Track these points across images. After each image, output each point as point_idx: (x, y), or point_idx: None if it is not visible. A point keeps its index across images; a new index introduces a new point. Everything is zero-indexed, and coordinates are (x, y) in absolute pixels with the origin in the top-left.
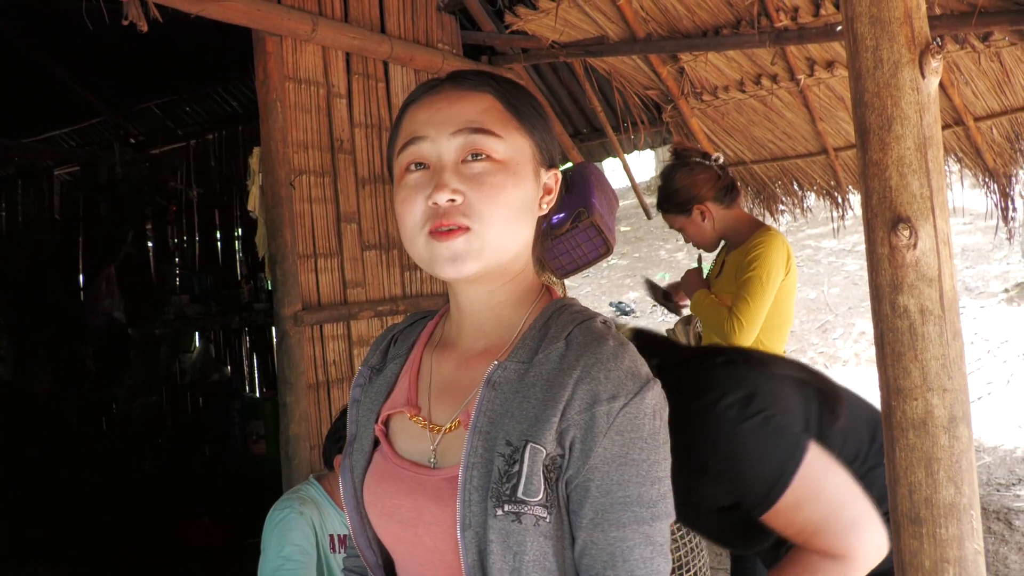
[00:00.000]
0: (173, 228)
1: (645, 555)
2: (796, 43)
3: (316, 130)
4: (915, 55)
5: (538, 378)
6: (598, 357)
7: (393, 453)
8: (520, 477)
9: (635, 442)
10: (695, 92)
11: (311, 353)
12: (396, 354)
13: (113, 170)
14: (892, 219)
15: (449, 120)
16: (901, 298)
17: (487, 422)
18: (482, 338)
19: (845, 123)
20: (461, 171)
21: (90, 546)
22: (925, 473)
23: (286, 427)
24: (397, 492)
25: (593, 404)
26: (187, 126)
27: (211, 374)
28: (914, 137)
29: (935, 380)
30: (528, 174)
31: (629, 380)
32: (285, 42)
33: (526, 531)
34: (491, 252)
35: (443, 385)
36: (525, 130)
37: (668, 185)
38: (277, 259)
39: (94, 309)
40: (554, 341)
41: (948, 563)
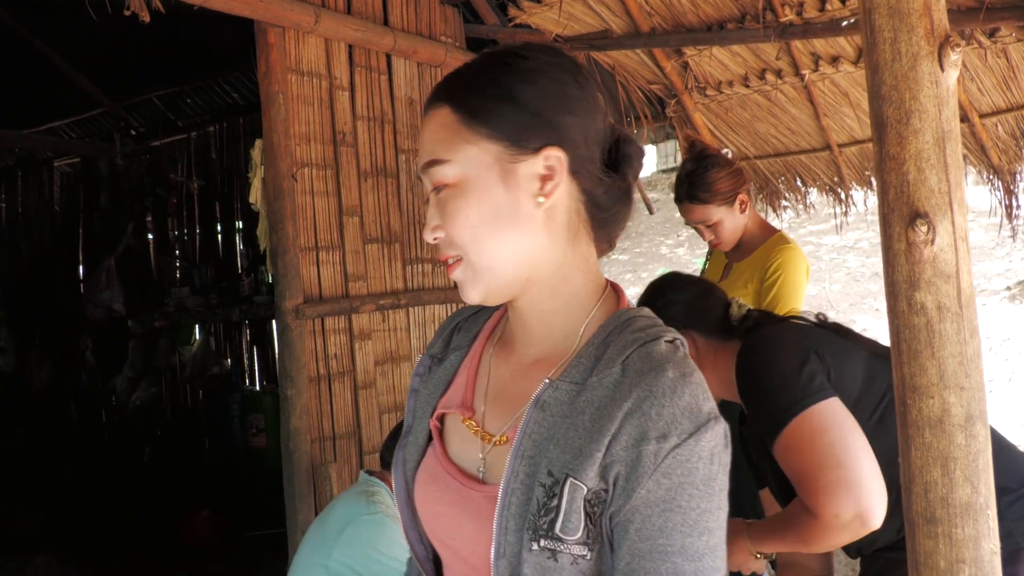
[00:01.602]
0: (174, 220)
1: None
2: (801, 38)
3: (318, 123)
4: (934, 48)
5: (588, 404)
6: (652, 390)
7: (444, 455)
8: (559, 512)
9: (684, 487)
10: (699, 87)
11: (312, 346)
12: (459, 344)
13: (113, 162)
14: (909, 214)
15: (421, 155)
16: (918, 295)
17: (532, 445)
18: (535, 346)
19: (849, 119)
20: (434, 203)
21: (88, 538)
22: (941, 472)
23: (287, 420)
24: (441, 499)
25: (640, 442)
26: (188, 118)
27: (211, 367)
28: (932, 131)
29: (952, 378)
30: (491, 180)
31: (685, 418)
32: (287, 34)
33: (562, 569)
34: (486, 273)
35: (499, 390)
36: (482, 132)
37: (709, 173)
38: (278, 252)
39: (93, 301)
40: (610, 364)
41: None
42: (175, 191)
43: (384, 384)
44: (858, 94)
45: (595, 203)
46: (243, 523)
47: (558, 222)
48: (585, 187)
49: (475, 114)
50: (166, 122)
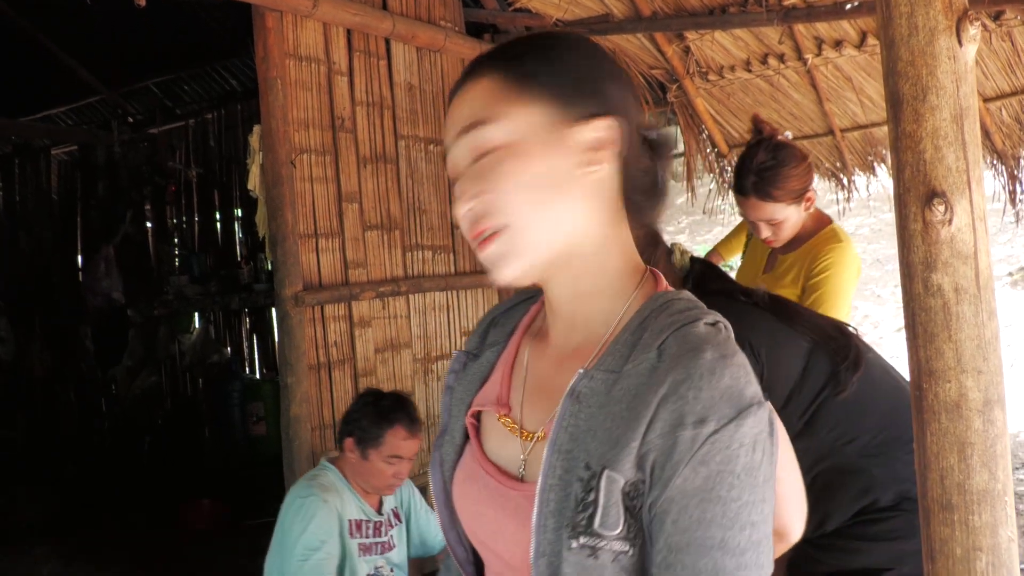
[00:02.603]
0: (172, 208)
1: None
2: (804, 21)
3: (317, 108)
4: (952, 22)
5: (624, 393)
6: (689, 372)
7: (481, 454)
8: (597, 507)
9: (724, 476)
10: (701, 72)
11: (312, 334)
12: (495, 340)
13: (111, 150)
14: (926, 194)
15: (453, 125)
16: (935, 276)
17: (568, 439)
18: (574, 333)
19: (852, 103)
20: (473, 173)
21: (89, 527)
22: (958, 458)
23: (287, 408)
24: (480, 499)
25: (677, 428)
26: (186, 105)
27: (211, 355)
28: (950, 108)
29: (970, 362)
30: (546, 143)
31: (724, 403)
32: (285, 18)
33: (604, 567)
34: (531, 247)
35: (537, 384)
36: (534, 94)
37: (785, 170)
38: (278, 239)
39: (92, 290)
40: (646, 350)
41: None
42: (173, 179)
43: (384, 372)
44: (861, 78)
45: (634, 186)
46: (243, 511)
47: (604, 197)
48: (627, 166)
49: (525, 77)
50: (164, 109)
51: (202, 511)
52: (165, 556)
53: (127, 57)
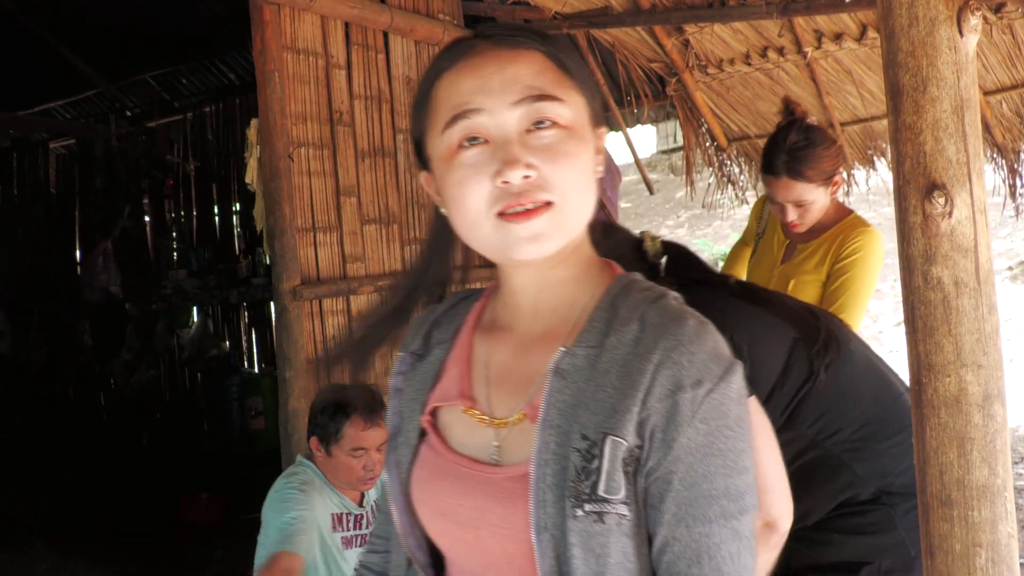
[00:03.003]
0: (170, 202)
1: (732, 551)
2: (804, 14)
3: (315, 102)
4: (953, 12)
5: (611, 364)
6: (679, 339)
7: (447, 448)
8: (600, 473)
9: (721, 430)
10: (700, 65)
11: (310, 328)
12: (441, 339)
13: (109, 143)
14: (926, 186)
15: (505, 87)
16: (934, 269)
17: (558, 414)
18: (541, 320)
19: (852, 97)
20: (528, 142)
21: (88, 521)
22: (957, 453)
23: (285, 402)
24: (453, 491)
25: (676, 391)
26: (184, 98)
27: (209, 349)
28: (951, 99)
29: (969, 356)
30: (589, 137)
31: (713, 363)
32: (283, 11)
33: (609, 531)
34: (572, 227)
35: (501, 374)
36: (579, 88)
37: (817, 150)
38: (275, 233)
39: (90, 284)
40: (626, 323)
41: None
42: (171, 172)
43: (382, 366)
44: (861, 72)
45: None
46: (242, 504)
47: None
48: None
49: (571, 72)
50: (162, 103)
51: (201, 505)
52: (164, 550)
53: (125, 50)
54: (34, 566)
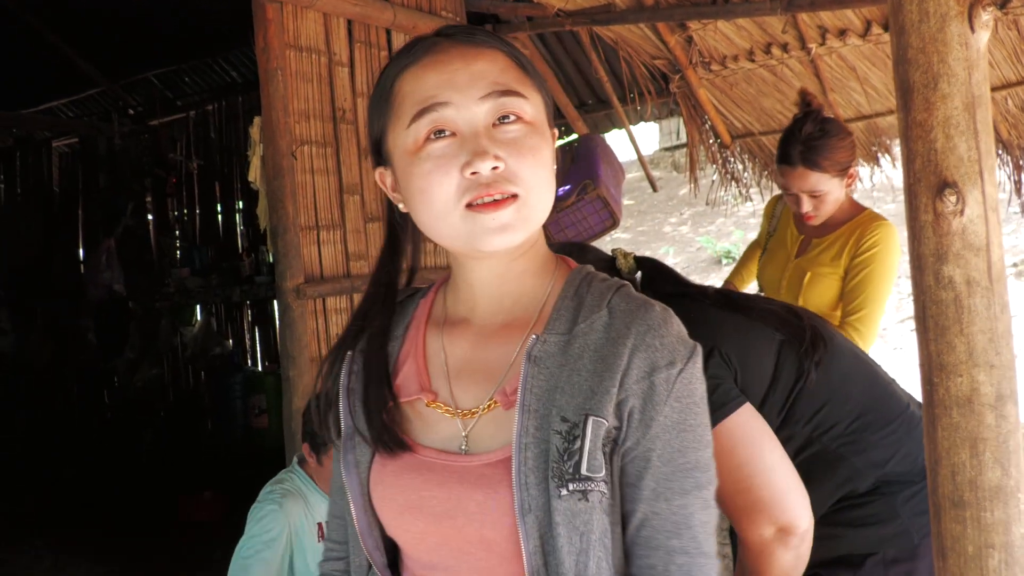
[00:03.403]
0: (173, 200)
1: (704, 519)
2: (808, 10)
3: (318, 99)
4: (964, 7)
5: (584, 349)
6: (649, 324)
7: (412, 442)
8: (583, 453)
9: (691, 407)
10: (703, 62)
11: (314, 326)
12: (393, 335)
13: (112, 142)
14: (937, 184)
15: (472, 82)
16: (946, 268)
17: (535, 399)
18: (501, 312)
19: (856, 94)
20: (494, 136)
21: (89, 520)
22: (970, 454)
23: (289, 401)
24: (424, 483)
25: (652, 372)
26: (186, 96)
27: (212, 348)
28: (962, 96)
29: (982, 355)
30: (549, 132)
31: (681, 345)
32: (285, 8)
33: (592, 509)
34: (535, 219)
35: (461, 366)
36: (537, 88)
37: (832, 140)
38: (279, 231)
39: (94, 282)
40: (594, 310)
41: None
42: (174, 171)
43: None
44: (866, 68)
45: None
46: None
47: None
48: None
49: (529, 71)
50: (164, 101)
51: (204, 503)
52: (165, 549)
53: (127, 49)
54: (35, 565)
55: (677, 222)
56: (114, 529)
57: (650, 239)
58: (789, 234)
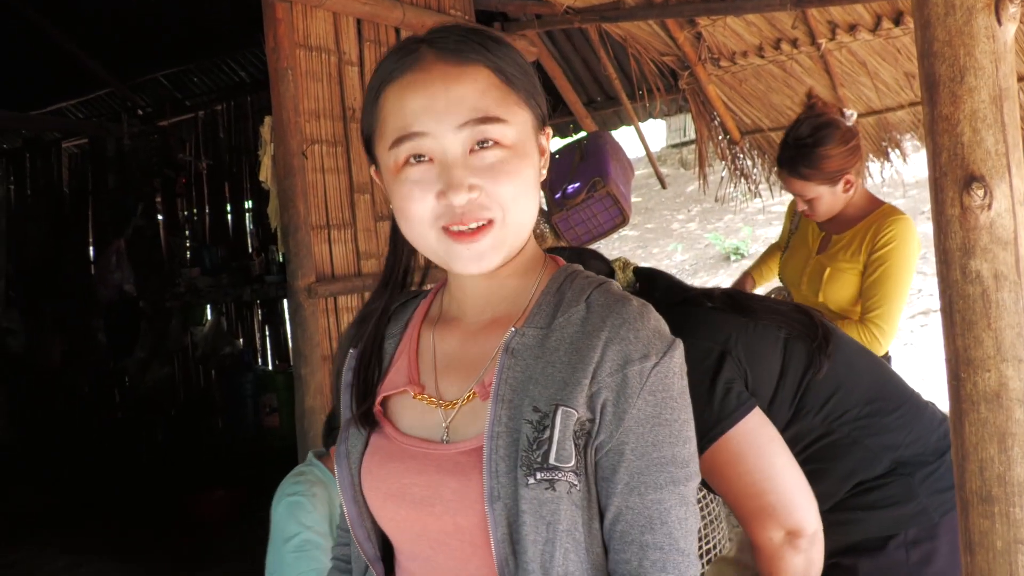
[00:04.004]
0: (183, 200)
1: (681, 515)
2: (818, 6)
3: (328, 99)
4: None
5: (560, 342)
6: (624, 317)
7: (397, 432)
8: (551, 443)
9: (667, 402)
10: (713, 58)
11: (325, 325)
12: (390, 334)
13: (121, 142)
14: (964, 178)
15: (449, 110)
16: (973, 263)
17: (509, 390)
18: (488, 310)
19: (867, 88)
20: (470, 163)
21: (101, 518)
22: (998, 449)
23: (301, 400)
24: (407, 471)
25: (625, 365)
26: (195, 97)
27: (223, 347)
28: (989, 89)
29: (1010, 350)
30: (533, 148)
31: (657, 339)
32: (295, 8)
33: (560, 499)
34: (513, 239)
35: (449, 360)
36: (523, 100)
37: (821, 149)
38: (290, 230)
39: (104, 282)
40: (573, 304)
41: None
42: (184, 171)
43: None
44: (876, 63)
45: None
46: (255, 501)
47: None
48: None
49: (515, 84)
50: (173, 101)
51: (215, 501)
52: (177, 545)
53: (136, 49)
54: (50, 563)
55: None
56: (127, 527)
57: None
58: (811, 231)
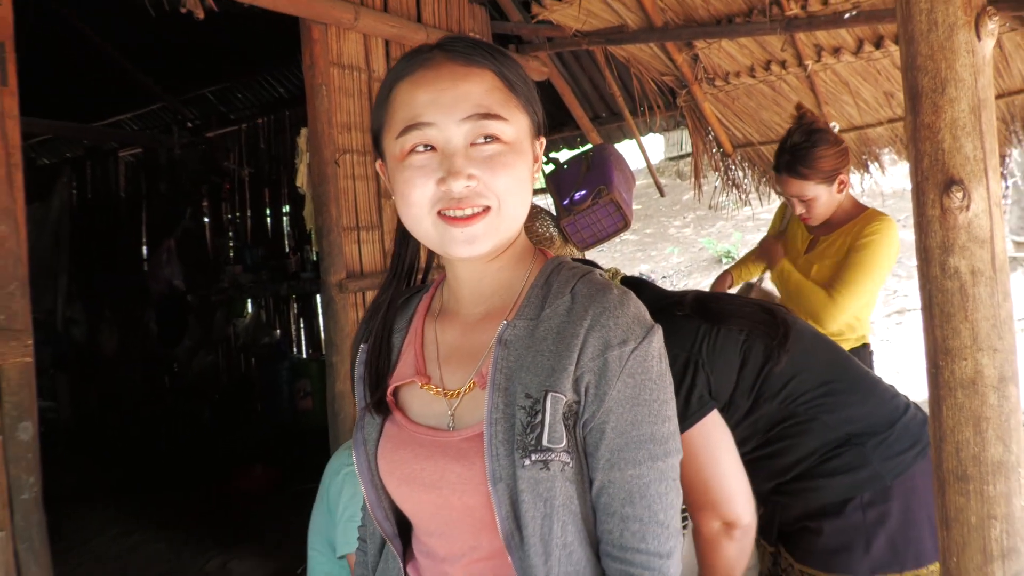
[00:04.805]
0: (227, 205)
1: (660, 490)
2: (805, 30)
3: (358, 112)
4: (971, 17)
5: (548, 332)
6: (605, 306)
7: (408, 421)
8: (543, 426)
9: (645, 383)
10: (708, 78)
11: (354, 317)
12: (397, 328)
13: (172, 152)
14: (944, 181)
15: (455, 104)
16: (952, 259)
17: (504, 379)
18: (482, 303)
19: (849, 106)
20: (471, 154)
21: (153, 490)
22: (973, 432)
23: (332, 385)
24: (416, 457)
25: (605, 350)
26: (239, 111)
27: (262, 337)
28: (968, 100)
29: (985, 340)
30: (528, 149)
31: (636, 325)
32: (330, 30)
33: (554, 477)
34: (506, 229)
35: (450, 352)
36: (523, 106)
37: (815, 150)
38: (323, 231)
39: (156, 278)
40: (559, 296)
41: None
42: (228, 178)
43: None
44: (857, 83)
45: None
46: (291, 477)
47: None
48: None
49: (517, 90)
50: (219, 115)
51: (255, 476)
52: (221, 516)
53: (186, 68)
54: (104, 531)
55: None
56: (174, 500)
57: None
58: (799, 235)
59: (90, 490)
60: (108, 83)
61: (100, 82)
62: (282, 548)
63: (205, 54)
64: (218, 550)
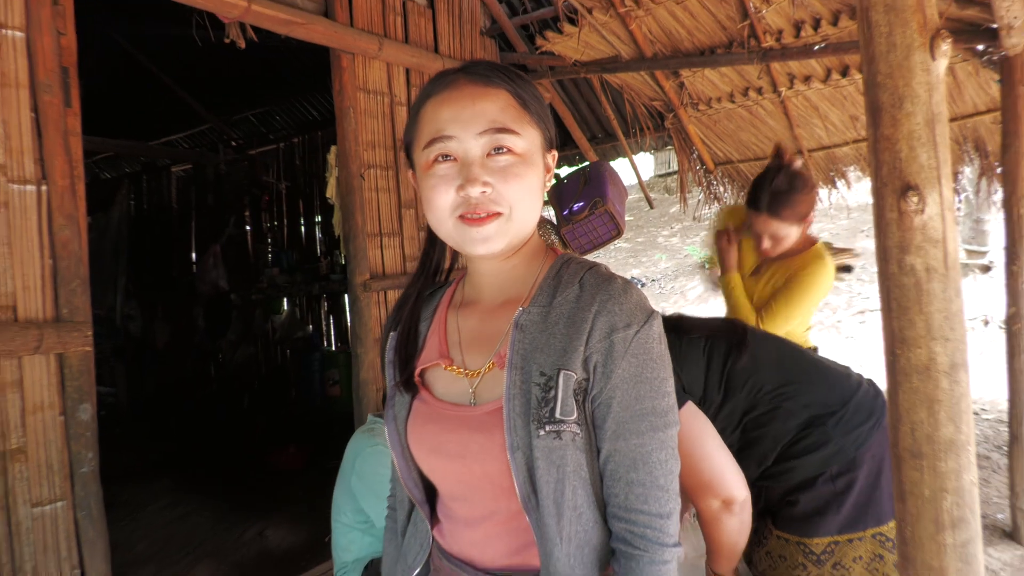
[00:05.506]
0: (266, 214)
1: (661, 458)
2: (779, 60)
3: (382, 132)
4: (926, 39)
5: (560, 317)
6: (611, 293)
7: (434, 398)
8: (556, 401)
9: (647, 363)
10: (692, 103)
11: (377, 314)
12: (423, 317)
13: (218, 168)
14: (902, 187)
15: (473, 120)
16: (908, 258)
17: (520, 359)
18: (501, 294)
19: (818, 128)
20: (487, 164)
21: (198, 465)
22: (927, 413)
23: (357, 374)
24: (442, 430)
25: (611, 332)
26: (277, 131)
27: (296, 332)
28: (923, 113)
29: (938, 331)
30: (539, 160)
31: (639, 311)
32: (357, 59)
33: (566, 446)
34: (517, 231)
35: (471, 337)
36: (535, 122)
37: (798, 196)
38: (350, 237)
39: (203, 279)
40: (569, 285)
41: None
42: (267, 191)
43: None
44: (826, 107)
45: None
46: (321, 454)
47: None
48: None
49: (529, 108)
50: (260, 135)
51: (289, 454)
52: (258, 489)
53: (231, 93)
54: (154, 501)
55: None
56: (218, 473)
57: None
58: (750, 257)
59: (144, 466)
60: (163, 107)
61: (156, 106)
62: (312, 518)
63: (248, 82)
64: (256, 519)
